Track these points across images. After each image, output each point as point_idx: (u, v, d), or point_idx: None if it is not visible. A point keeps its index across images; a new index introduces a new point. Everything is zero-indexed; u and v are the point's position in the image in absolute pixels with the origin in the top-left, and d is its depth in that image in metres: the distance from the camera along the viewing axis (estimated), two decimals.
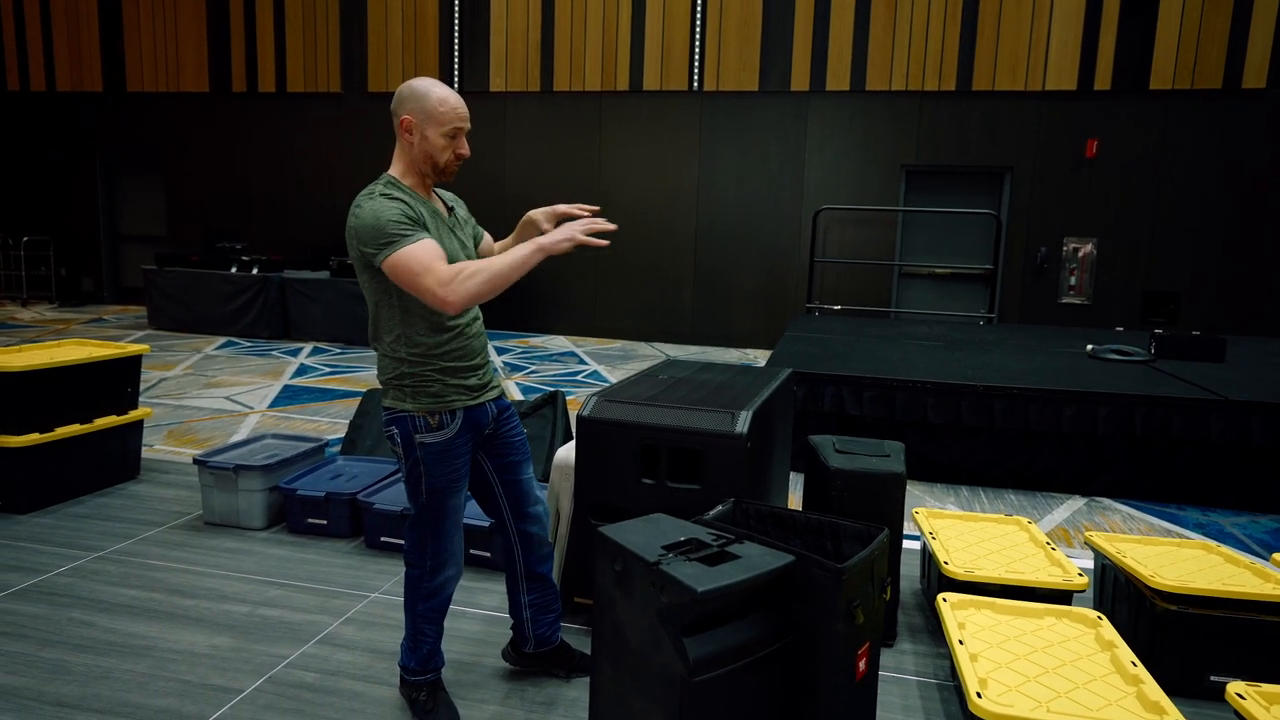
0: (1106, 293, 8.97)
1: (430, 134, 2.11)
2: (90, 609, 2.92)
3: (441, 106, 2.11)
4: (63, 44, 11.59)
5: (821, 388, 4.89)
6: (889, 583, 2.19)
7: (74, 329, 9.48)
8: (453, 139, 2.14)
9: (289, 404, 6.22)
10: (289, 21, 10.79)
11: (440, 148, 2.13)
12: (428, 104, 2.10)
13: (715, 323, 9.98)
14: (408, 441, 2.17)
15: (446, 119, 2.11)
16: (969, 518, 3.34)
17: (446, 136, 2.13)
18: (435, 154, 2.13)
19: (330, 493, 3.60)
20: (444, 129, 2.12)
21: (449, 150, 2.14)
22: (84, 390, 4.01)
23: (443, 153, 2.14)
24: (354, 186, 10.71)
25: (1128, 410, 4.54)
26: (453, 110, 2.12)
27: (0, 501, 3.80)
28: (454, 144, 2.15)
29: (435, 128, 2.11)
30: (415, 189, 2.18)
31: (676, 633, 1.77)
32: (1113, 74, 8.72)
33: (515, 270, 1.99)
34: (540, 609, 2.49)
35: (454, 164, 2.17)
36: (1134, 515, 4.38)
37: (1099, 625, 2.43)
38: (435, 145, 2.12)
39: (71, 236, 11.93)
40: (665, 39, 9.72)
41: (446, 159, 2.15)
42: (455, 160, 2.17)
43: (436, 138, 2.12)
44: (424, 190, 2.21)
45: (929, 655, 2.83)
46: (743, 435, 2.55)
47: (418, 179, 2.19)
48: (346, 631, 2.83)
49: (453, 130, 2.13)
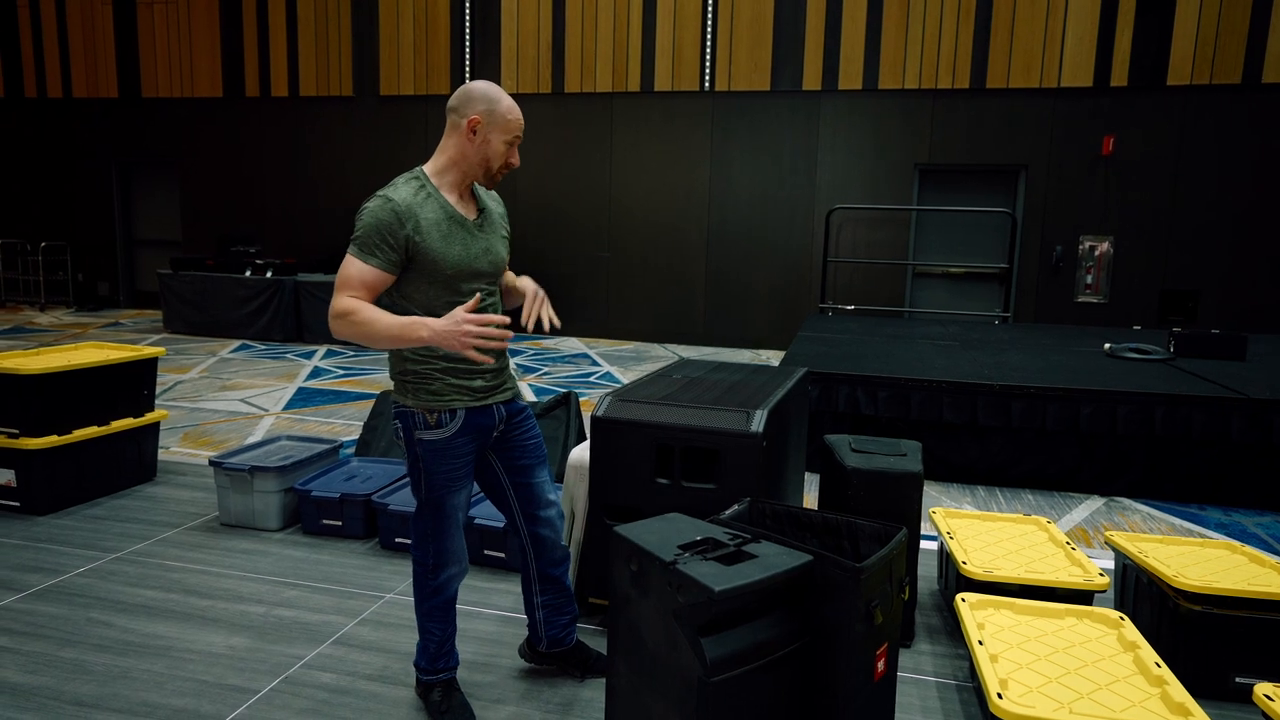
0: (1124, 291, 8.89)
1: (494, 139, 2.16)
2: (109, 609, 2.94)
3: (510, 115, 2.17)
4: (79, 51, 11.70)
5: (836, 388, 4.87)
6: (907, 582, 2.17)
7: (91, 333, 9.56)
8: (510, 146, 2.20)
9: (303, 406, 6.24)
10: (301, 26, 10.86)
11: (499, 153, 2.19)
12: (498, 109, 2.16)
13: (728, 324, 9.95)
14: (409, 436, 2.22)
15: (512, 128, 2.18)
16: (987, 517, 3.30)
17: (507, 144, 2.19)
18: (493, 158, 2.19)
19: (345, 494, 3.60)
20: (507, 136, 2.18)
21: (504, 157, 2.20)
22: (101, 393, 4.04)
23: (499, 158, 2.19)
24: (365, 189, 10.76)
25: (1147, 409, 4.48)
26: (518, 121, 2.20)
27: (19, 503, 3.83)
28: (509, 152, 2.21)
29: (500, 134, 2.17)
30: (447, 188, 2.19)
31: (693, 633, 1.76)
32: (1129, 70, 8.64)
33: (390, 340, 2.04)
34: (554, 611, 2.48)
35: (504, 171, 2.24)
36: (1154, 515, 4.33)
37: (1121, 626, 2.40)
38: (495, 150, 2.18)
39: (88, 242, 12.04)
40: (676, 40, 9.71)
41: (500, 165, 2.21)
42: (506, 168, 2.23)
43: (499, 143, 2.17)
44: (458, 189, 2.22)
45: (948, 656, 2.80)
46: (758, 434, 2.54)
47: (459, 177, 2.20)
48: (362, 632, 2.83)
49: (514, 139, 2.20)
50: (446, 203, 2.17)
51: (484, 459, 2.35)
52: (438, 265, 2.12)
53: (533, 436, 2.39)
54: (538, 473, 2.39)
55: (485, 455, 2.34)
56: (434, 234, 2.11)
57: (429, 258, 2.10)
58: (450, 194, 2.20)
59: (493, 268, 2.26)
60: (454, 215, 2.17)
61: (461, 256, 2.16)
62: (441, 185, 2.19)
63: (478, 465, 2.35)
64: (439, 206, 2.15)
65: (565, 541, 2.58)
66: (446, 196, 2.18)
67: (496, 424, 2.28)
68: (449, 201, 2.18)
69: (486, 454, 2.34)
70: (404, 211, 2.09)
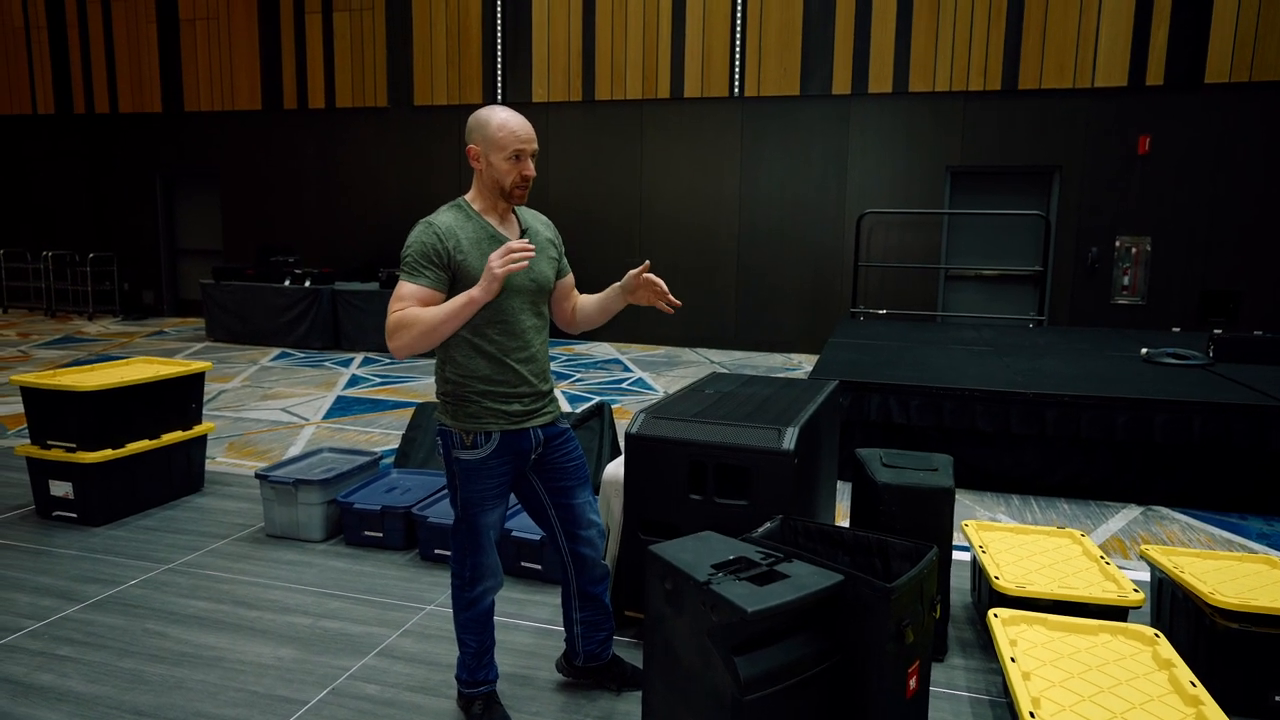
0: (1162, 292, 8.75)
1: (494, 159, 2.20)
2: (163, 620, 3.06)
3: (500, 131, 2.18)
4: (125, 68, 12.04)
5: (868, 397, 4.87)
6: (939, 600, 2.20)
7: (137, 342, 9.84)
8: (516, 161, 2.21)
9: (342, 415, 6.39)
10: (337, 39, 11.07)
11: (505, 171, 2.21)
12: (489, 131, 2.19)
13: (759, 328, 9.96)
14: (448, 454, 2.30)
15: (506, 143, 2.19)
16: (1020, 530, 3.31)
17: (509, 160, 2.20)
18: (501, 178, 2.22)
19: (386, 506, 3.70)
20: (505, 153, 2.19)
21: (514, 173, 2.21)
22: (152, 407, 4.18)
23: (507, 176, 2.21)
24: (401, 197, 10.95)
25: (1185, 417, 4.43)
26: (512, 134, 2.19)
27: (77, 514, 3.98)
28: (519, 166, 2.21)
29: (498, 152, 2.19)
30: (485, 212, 2.27)
31: (727, 652, 1.80)
32: (1165, 69, 8.51)
33: (445, 321, 2.11)
34: (591, 627, 2.54)
35: (520, 185, 2.23)
36: (1193, 525, 4.28)
37: (1156, 643, 2.40)
38: (500, 170, 2.21)
39: (133, 252, 12.39)
40: (705, 46, 9.75)
41: (512, 181, 2.22)
42: (521, 181, 2.23)
43: (500, 162, 2.20)
44: (495, 213, 2.28)
45: (980, 670, 2.82)
46: (790, 452, 2.57)
47: (490, 202, 2.28)
48: (404, 644, 2.91)
49: (514, 153, 2.20)
50: (487, 224, 2.25)
51: (525, 479, 2.41)
52: None
53: (573, 458, 2.43)
54: (579, 493, 2.44)
55: (526, 475, 2.40)
56: (474, 253, 2.19)
57: (471, 276, 2.17)
58: (490, 217, 2.27)
59: (536, 287, 2.31)
60: (495, 235, 2.25)
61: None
62: (481, 210, 2.27)
63: (519, 484, 2.41)
64: (480, 227, 2.23)
65: (604, 558, 2.63)
66: (487, 219, 2.26)
67: (534, 447, 2.34)
68: (489, 223, 2.26)
69: (527, 474, 2.40)
70: (445, 232, 2.18)
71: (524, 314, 2.28)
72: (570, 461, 2.42)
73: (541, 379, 2.35)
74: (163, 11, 11.75)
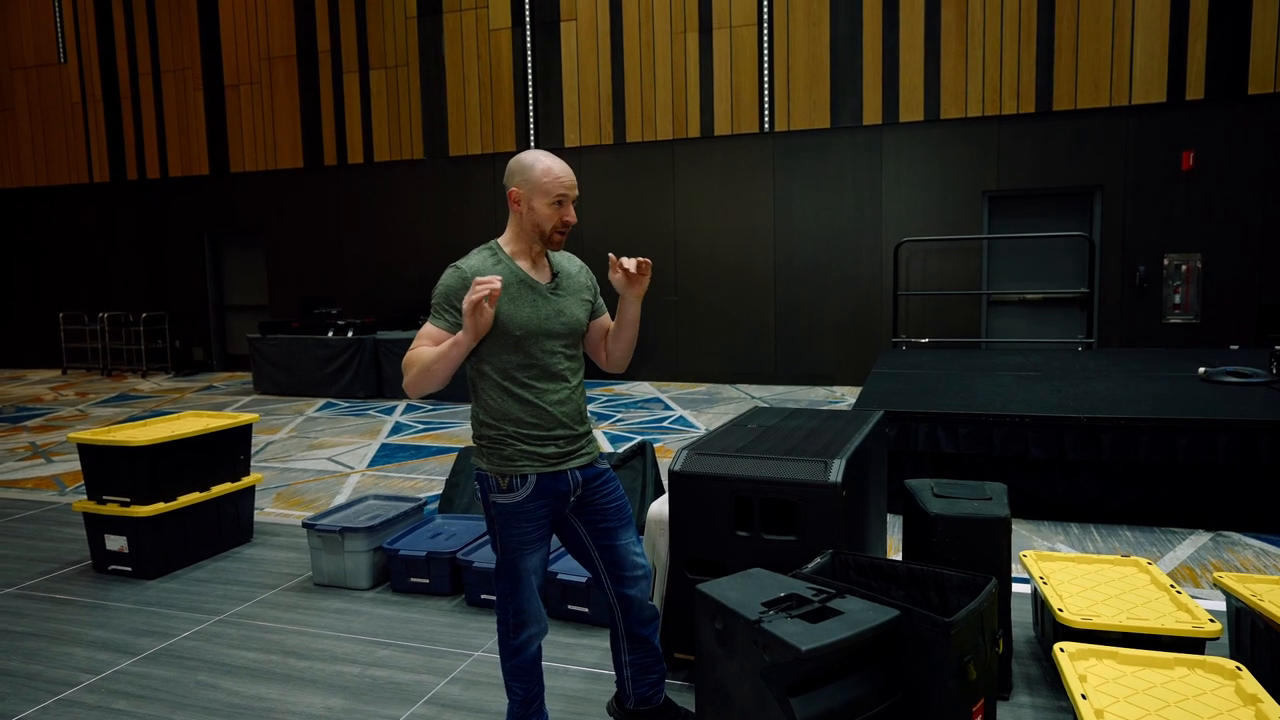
0: (1216, 309, 8.50)
1: (537, 204, 2.23)
2: (215, 671, 3.07)
3: (545, 177, 2.22)
4: (174, 134, 12.54)
5: (915, 426, 4.77)
6: (1000, 634, 2.11)
7: (188, 397, 10.08)
8: (559, 206, 2.24)
9: (386, 462, 6.44)
10: (374, 96, 11.41)
11: (546, 216, 2.23)
12: (532, 175, 2.22)
13: (800, 361, 9.87)
14: (485, 498, 2.29)
15: (550, 188, 2.22)
16: (1082, 559, 3.18)
17: (552, 205, 2.23)
18: (542, 223, 2.24)
19: (431, 552, 3.69)
20: (549, 198, 2.22)
21: (555, 218, 2.24)
22: (202, 459, 4.26)
23: (548, 221, 2.24)
24: (437, 245, 11.16)
25: (1251, 437, 4.26)
26: (556, 180, 2.22)
27: (131, 568, 4.04)
28: (561, 211, 2.24)
29: (541, 198, 2.22)
30: (517, 255, 2.28)
31: (782, 692, 1.74)
32: (1205, 82, 8.36)
33: (436, 361, 2.15)
34: (641, 670, 2.48)
35: (560, 230, 2.26)
36: (1268, 550, 4.08)
37: (1239, 676, 2.26)
38: (542, 214, 2.23)
39: (183, 310, 12.77)
40: (734, 83, 9.85)
41: (553, 226, 2.25)
42: (562, 226, 2.26)
43: (543, 207, 2.23)
44: (529, 256, 2.30)
45: (1049, 709, 2.69)
46: (837, 484, 2.52)
47: (524, 246, 2.29)
48: (453, 691, 2.88)
49: (557, 198, 2.23)
50: (518, 268, 2.26)
51: (567, 521, 2.38)
52: (506, 327, 2.19)
53: (614, 499, 2.39)
54: (622, 535, 2.40)
55: (567, 518, 2.38)
56: (502, 297, 2.19)
57: (498, 320, 2.18)
58: (522, 260, 2.28)
59: (566, 329, 2.31)
60: (524, 279, 2.25)
61: (530, 318, 2.22)
62: (513, 254, 2.28)
63: (562, 527, 2.39)
64: (509, 271, 2.24)
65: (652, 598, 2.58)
66: (518, 263, 2.27)
67: (572, 489, 2.31)
68: (519, 267, 2.26)
69: (568, 517, 2.37)
70: (471, 275, 2.20)
71: (555, 356, 2.28)
72: (612, 502, 2.39)
73: (578, 420, 2.33)
74: (208, 79, 12.24)
